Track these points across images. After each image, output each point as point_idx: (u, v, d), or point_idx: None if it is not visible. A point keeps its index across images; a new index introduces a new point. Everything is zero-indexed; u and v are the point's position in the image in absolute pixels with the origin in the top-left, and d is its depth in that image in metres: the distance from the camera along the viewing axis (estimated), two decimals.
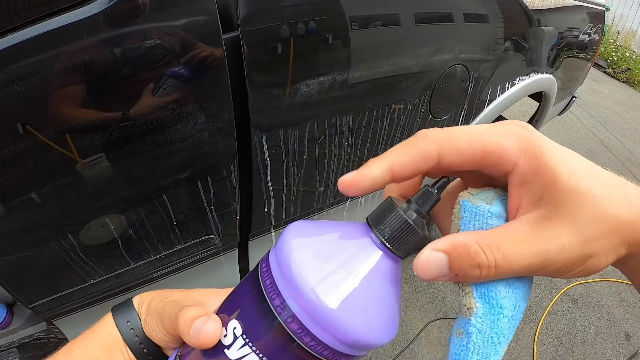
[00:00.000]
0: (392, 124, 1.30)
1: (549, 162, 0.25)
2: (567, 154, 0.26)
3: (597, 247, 0.25)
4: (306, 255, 0.26)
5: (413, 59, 1.22)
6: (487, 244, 0.25)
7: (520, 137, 0.26)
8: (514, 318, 0.26)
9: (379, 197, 1.58)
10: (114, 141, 0.83)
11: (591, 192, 0.25)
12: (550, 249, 0.25)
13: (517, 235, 0.26)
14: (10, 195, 0.79)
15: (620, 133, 4.23)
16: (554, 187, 0.25)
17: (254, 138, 1.02)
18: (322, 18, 0.99)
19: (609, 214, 0.25)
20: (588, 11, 2.00)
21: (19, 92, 0.70)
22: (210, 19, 0.82)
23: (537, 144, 0.26)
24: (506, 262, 0.25)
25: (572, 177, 0.25)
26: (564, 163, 0.26)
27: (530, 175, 0.26)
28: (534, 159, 0.26)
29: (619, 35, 7.34)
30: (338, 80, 1.07)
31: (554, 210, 0.25)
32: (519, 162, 0.26)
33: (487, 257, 0.25)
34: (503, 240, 0.25)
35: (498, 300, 0.25)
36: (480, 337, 0.25)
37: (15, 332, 1.34)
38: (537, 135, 0.27)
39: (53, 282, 0.99)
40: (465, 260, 0.25)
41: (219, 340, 0.28)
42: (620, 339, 2.20)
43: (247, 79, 0.92)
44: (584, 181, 0.25)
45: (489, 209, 0.27)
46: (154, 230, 1.04)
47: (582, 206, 0.25)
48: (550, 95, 2.03)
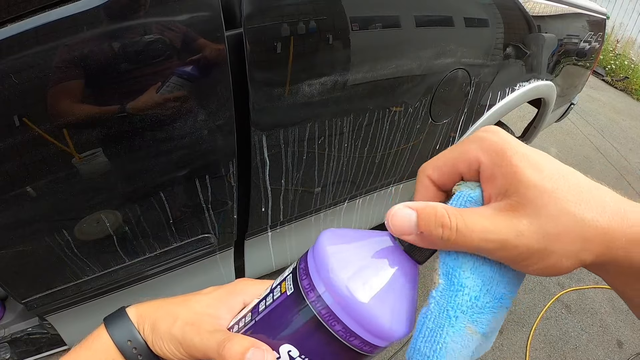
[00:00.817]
0: (392, 126, 1.29)
1: (511, 158, 0.28)
2: (535, 154, 0.28)
3: (557, 246, 0.26)
4: (344, 264, 0.29)
5: (415, 62, 1.22)
6: (453, 212, 0.28)
7: (483, 139, 0.29)
8: (484, 300, 0.29)
9: (377, 199, 1.57)
10: (112, 136, 0.83)
11: (556, 191, 0.27)
12: (510, 231, 0.27)
13: (482, 213, 0.28)
14: (4, 189, 0.78)
15: (617, 141, 4.24)
16: (517, 181, 0.27)
17: (254, 137, 1.01)
18: (325, 18, 0.98)
19: (573, 214, 0.26)
20: (588, 19, 2.01)
21: (16, 84, 0.69)
22: (213, 15, 0.81)
23: (500, 143, 0.29)
24: (467, 229, 0.27)
25: (536, 174, 0.27)
26: (528, 160, 0.27)
27: (494, 169, 0.28)
28: (496, 155, 0.28)
29: (618, 44, 7.38)
30: (340, 81, 1.06)
31: (518, 201, 0.27)
32: (482, 159, 0.29)
33: (450, 220, 0.27)
34: (468, 214, 0.28)
35: (460, 279, 0.28)
36: (437, 308, 0.28)
37: (7, 327, 1.33)
38: (501, 136, 0.29)
39: (46, 277, 0.98)
40: (431, 219, 0.28)
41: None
42: (613, 346, 2.21)
43: (249, 77, 0.91)
44: (550, 180, 0.27)
45: (469, 194, 0.30)
46: (150, 228, 1.03)
47: (545, 202, 0.26)
48: (549, 102, 2.03)
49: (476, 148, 0.29)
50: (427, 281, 2.35)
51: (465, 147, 0.30)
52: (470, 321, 0.29)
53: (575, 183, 0.27)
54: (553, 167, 0.28)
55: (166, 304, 0.38)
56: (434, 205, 0.29)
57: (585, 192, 0.27)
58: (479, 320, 0.29)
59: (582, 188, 0.27)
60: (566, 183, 0.27)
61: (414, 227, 0.28)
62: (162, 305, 0.38)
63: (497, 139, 0.29)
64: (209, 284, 1.28)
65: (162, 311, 0.38)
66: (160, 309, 0.38)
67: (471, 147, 0.30)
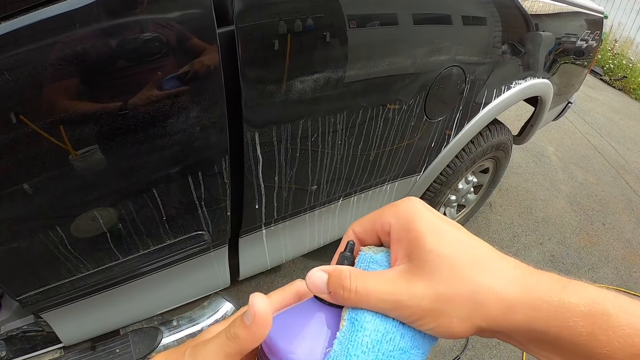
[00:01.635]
0: (387, 123, 1.29)
1: (416, 224, 0.31)
2: (444, 224, 0.32)
3: (448, 307, 0.29)
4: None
5: (409, 60, 1.22)
6: (356, 275, 0.31)
7: (398, 205, 0.33)
8: (386, 347, 0.31)
9: (372, 197, 1.57)
10: (105, 134, 0.83)
11: (452, 256, 0.30)
12: (403, 293, 0.30)
13: (383, 277, 0.31)
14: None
15: (614, 140, 4.24)
16: (419, 245, 0.30)
17: (247, 134, 1.01)
18: (318, 15, 0.98)
19: (467, 279, 0.29)
20: (586, 18, 2.01)
21: (10, 82, 0.69)
22: (205, 12, 0.81)
23: (410, 210, 0.32)
24: (364, 291, 0.30)
25: (437, 240, 0.30)
26: (433, 227, 0.31)
27: (401, 233, 0.32)
28: (405, 221, 0.32)
29: (616, 43, 7.37)
30: (333, 78, 1.06)
31: (417, 264, 0.30)
32: (392, 223, 0.33)
33: (350, 282, 0.31)
34: (370, 277, 0.31)
35: (361, 322, 0.31)
36: (339, 347, 0.30)
37: (3, 325, 1.33)
38: (415, 204, 0.33)
39: (40, 274, 0.98)
40: (337, 281, 0.31)
41: None
42: None
43: (241, 74, 0.91)
44: (449, 246, 0.30)
45: (372, 256, 0.34)
46: (144, 225, 1.03)
47: (440, 266, 0.29)
48: (546, 100, 2.03)
49: (390, 213, 0.33)
50: None
51: (384, 212, 0.34)
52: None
53: (475, 253, 0.31)
54: (456, 236, 0.31)
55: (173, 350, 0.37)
56: (340, 269, 0.32)
57: (484, 261, 0.30)
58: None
59: (482, 257, 0.30)
60: (466, 251, 0.30)
61: (325, 287, 0.32)
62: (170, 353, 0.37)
63: (410, 207, 0.32)
64: (203, 282, 1.28)
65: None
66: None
67: (387, 212, 0.34)
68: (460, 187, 2.17)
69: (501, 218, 2.84)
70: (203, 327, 1.43)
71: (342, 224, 1.59)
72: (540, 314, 0.28)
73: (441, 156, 1.66)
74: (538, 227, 2.83)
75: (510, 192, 3.10)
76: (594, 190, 3.34)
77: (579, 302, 0.28)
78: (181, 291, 1.36)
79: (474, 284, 0.29)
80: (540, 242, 2.71)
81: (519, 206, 2.98)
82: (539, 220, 2.89)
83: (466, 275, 0.29)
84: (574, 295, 0.29)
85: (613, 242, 2.85)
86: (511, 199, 3.03)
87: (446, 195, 2.00)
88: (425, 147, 1.54)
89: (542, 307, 0.28)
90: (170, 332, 1.40)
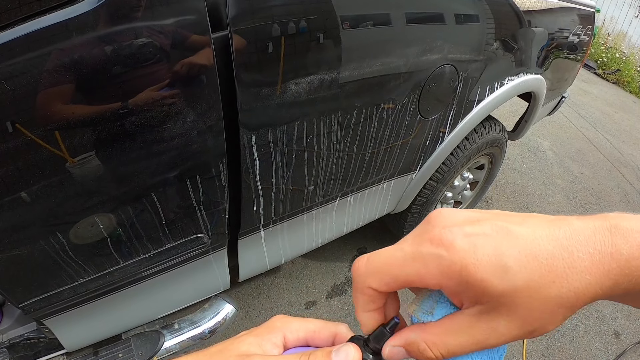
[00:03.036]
0: (381, 123, 1.31)
1: (474, 276, 0.27)
2: (495, 253, 0.27)
3: (539, 324, 0.27)
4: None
5: (402, 59, 1.23)
6: (433, 342, 0.30)
7: (440, 262, 0.28)
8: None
9: (368, 196, 1.59)
10: (103, 139, 0.84)
11: (527, 284, 0.27)
12: (488, 336, 0.28)
13: (458, 327, 0.29)
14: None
15: (609, 133, 4.27)
16: (487, 294, 0.27)
17: (243, 137, 1.02)
18: (311, 18, 0.99)
19: (547, 298, 0.27)
20: (578, 13, 2.02)
21: (8, 91, 0.70)
22: (199, 18, 0.82)
23: (458, 263, 0.27)
24: (449, 353, 0.29)
25: (504, 279, 0.27)
26: (493, 268, 0.27)
27: (459, 289, 0.28)
28: (458, 277, 0.27)
29: (609, 37, 7.41)
30: (327, 80, 1.07)
31: (491, 306, 0.28)
32: (444, 283, 0.28)
33: (433, 353, 0.30)
34: (445, 334, 0.30)
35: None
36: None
37: (5, 333, 1.33)
38: (458, 251, 0.28)
39: (42, 281, 0.99)
40: (417, 354, 0.30)
41: None
42: (610, 337, 2.22)
43: (236, 78, 0.93)
44: (518, 277, 0.27)
45: (431, 319, 0.32)
46: (143, 229, 1.04)
47: (518, 300, 0.27)
48: (540, 96, 2.05)
49: (433, 272, 0.28)
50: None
51: (422, 271, 0.29)
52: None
53: (546, 258, 0.27)
54: (517, 258, 0.27)
55: (203, 356, 0.35)
56: (414, 341, 0.31)
57: (558, 264, 0.27)
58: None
59: (555, 260, 0.27)
60: (536, 265, 0.27)
61: (407, 354, 0.31)
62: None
63: (454, 257, 0.28)
64: (203, 284, 1.29)
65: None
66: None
67: (428, 271, 0.29)
68: (457, 184, 2.18)
69: None
70: (204, 329, 1.44)
71: (340, 223, 1.60)
72: (629, 281, 0.27)
73: (436, 154, 1.67)
74: None
75: (506, 187, 3.12)
76: (590, 184, 3.36)
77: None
78: (182, 294, 1.37)
79: (555, 299, 0.27)
80: None
81: (516, 201, 3.00)
82: None
83: (544, 295, 0.27)
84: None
85: None
86: (508, 195, 3.05)
87: (442, 192, 2.01)
88: (420, 145, 1.56)
89: (633, 275, 0.26)
90: (172, 335, 1.40)
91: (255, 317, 2.01)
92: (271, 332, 0.36)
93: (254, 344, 0.35)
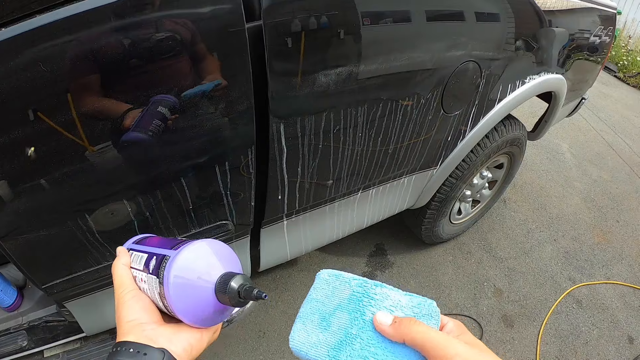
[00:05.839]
0: (405, 117, 1.32)
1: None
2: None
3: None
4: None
5: (427, 54, 1.25)
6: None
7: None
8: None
9: (390, 190, 1.60)
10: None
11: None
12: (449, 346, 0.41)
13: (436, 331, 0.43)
14: (27, 176, 0.81)
15: (629, 137, 4.21)
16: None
17: (272, 126, 1.04)
18: (340, 12, 1.01)
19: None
20: (600, 14, 2.01)
21: (34, 79, 0.71)
22: (234, 7, 0.85)
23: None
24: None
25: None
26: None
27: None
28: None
29: (630, 40, 7.30)
30: (354, 72, 1.09)
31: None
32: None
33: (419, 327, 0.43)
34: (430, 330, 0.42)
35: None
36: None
37: (25, 315, 1.36)
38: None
39: (67, 263, 1.02)
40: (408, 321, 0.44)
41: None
42: (623, 342, 2.20)
43: (268, 68, 0.95)
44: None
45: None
46: (170, 214, 1.07)
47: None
48: (560, 96, 2.04)
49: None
50: (419, 277, 2.37)
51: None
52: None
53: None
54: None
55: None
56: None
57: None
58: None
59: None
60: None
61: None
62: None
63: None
64: None
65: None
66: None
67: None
68: (475, 182, 2.19)
69: (515, 214, 2.85)
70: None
71: (360, 216, 1.62)
72: None
73: (457, 150, 1.68)
74: (552, 224, 2.83)
75: (524, 188, 3.11)
76: (608, 188, 3.32)
77: None
78: None
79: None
80: (554, 238, 2.72)
81: (533, 202, 2.98)
82: (553, 217, 2.89)
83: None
84: None
85: (627, 239, 2.84)
86: (525, 196, 3.03)
87: (461, 189, 2.02)
88: (442, 141, 1.57)
89: None
90: None
91: (272, 308, 2.04)
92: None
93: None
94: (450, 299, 2.25)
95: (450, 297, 2.26)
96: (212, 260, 0.48)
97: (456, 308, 2.21)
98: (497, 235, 2.66)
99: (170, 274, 0.45)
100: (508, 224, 2.76)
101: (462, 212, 2.37)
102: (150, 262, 0.50)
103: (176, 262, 0.46)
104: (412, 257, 2.42)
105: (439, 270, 2.39)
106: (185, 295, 0.45)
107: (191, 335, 0.47)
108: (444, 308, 2.20)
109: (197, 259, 0.47)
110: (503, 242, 2.62)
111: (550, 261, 2.56)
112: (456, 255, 2.48)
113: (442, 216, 2.11)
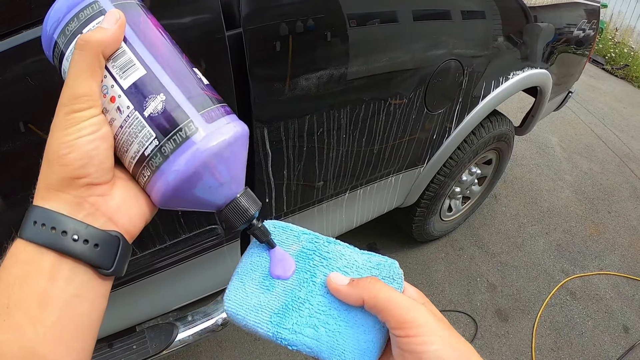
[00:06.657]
0: (389, 117, 1.34)
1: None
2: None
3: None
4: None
5: (408, 54, 1.26)
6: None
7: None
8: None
9: (377, 190, 1.61)
10: None
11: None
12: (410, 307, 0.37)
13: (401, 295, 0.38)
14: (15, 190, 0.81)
15: (618, 129, 4.25)
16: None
17: (256, 130, 1.06)
18: (320, 16, 1.03)
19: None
20: (584, 7, 2.04)
21: (30, 88, 0.72)
22: (214, 16, 0.86)
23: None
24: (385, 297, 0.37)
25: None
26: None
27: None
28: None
29: (617, 32, 7.37)
30: (336, 75, 1.11)
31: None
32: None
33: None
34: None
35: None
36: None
37: None
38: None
39: None
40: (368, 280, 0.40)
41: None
42: (619, 332, 2.22)
43: (250, 74, 0.96)
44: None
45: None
46: (160, 220, 1.07)
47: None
48: (545, 90, 2.06)
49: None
50: (412, 276, 2.38)
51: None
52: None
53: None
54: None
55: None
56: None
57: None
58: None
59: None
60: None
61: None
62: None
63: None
64: (216, 277, 1.31)
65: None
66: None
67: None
68: (464, 179, 2.21)
69: (506, 209, 2.87)
70: (217, 320, 1.47)
71: (350, 216, 1.63)
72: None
73: (443, 148, 1.70)
74: (543, 217, 2.86)
75: (515, 183, 3.13)
76: (598, 179, 3.36)
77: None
78: (195, 286, 1.40)
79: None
80: (546, 231, 2.74)
81: (524, 197, 3.01)
82: (544, 211, 2.92)
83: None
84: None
85: (619, 229, 2.87)
86: (516, 190, 3.06)
87: (450, 187, 2.03)
88: (427, 139, 1.58)
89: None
90: (186, 327, 1.43)
91: None
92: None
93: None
94: (443, 296, 2.26)
95: (444, 293, 2.28)
96: (239, 158, 0.38)
97: (450, 304, 2.22)
98: (489, 230, 2.68)
99: (199, 156, 0.34)
100: (499, 219, 2.78)
101: (453, 209, 2.39)
102: (154, 99, 0.35)
103: (210, 147, 0.35)
104: (404, 255, 2.44)
105: (432, 267, 2.41)
106: (190, 185, 0.36)
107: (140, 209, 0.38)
108: (438, 305, 2.21)
109: (231, 153, 0.37)
110: (495, 238, 2.64)
111: (543, 254, 2.58)
112: (448, 252, 2.50)
113: (432, 214, 2.13)
